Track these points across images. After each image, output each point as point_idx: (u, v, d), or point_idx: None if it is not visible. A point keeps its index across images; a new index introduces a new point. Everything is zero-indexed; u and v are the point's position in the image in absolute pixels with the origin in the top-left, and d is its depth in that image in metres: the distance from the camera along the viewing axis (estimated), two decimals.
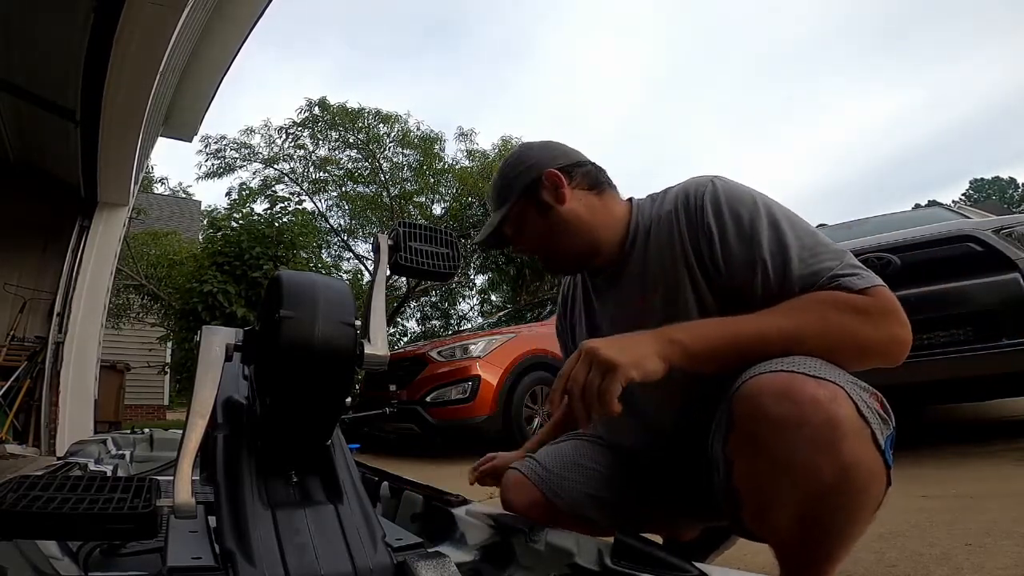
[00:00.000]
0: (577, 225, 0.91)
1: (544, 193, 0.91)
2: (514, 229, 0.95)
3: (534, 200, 0.91)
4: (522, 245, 0.96)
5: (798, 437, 0.61)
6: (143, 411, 10.63)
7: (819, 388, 0.63)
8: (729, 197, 0.82)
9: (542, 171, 0.91)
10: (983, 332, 2.16)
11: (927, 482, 1.83)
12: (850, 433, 0.62)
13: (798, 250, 0.76)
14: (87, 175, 4.33)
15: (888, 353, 0.72)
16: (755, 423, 0.65)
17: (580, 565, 0.73)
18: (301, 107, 10.06)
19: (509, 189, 0.93)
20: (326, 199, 10.84)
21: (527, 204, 0.92)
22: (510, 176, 0.94)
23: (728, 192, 0.83)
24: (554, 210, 0.91)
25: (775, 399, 0.63)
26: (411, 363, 4.31)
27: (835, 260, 0.75)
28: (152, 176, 14.94)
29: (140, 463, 1.85)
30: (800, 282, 0.74)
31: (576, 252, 0.93)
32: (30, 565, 0.71)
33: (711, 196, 0.82)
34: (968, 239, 2.33)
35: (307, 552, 0.64)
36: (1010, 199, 43.49)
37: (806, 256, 0.75)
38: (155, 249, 8.99)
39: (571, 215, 0.91)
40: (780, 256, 0.76)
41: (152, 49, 2.95)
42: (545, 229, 0.92)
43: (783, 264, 0.75)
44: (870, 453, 0.63)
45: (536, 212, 0.92)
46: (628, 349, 0.68)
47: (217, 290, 5.48)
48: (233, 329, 0.72)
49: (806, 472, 0.62)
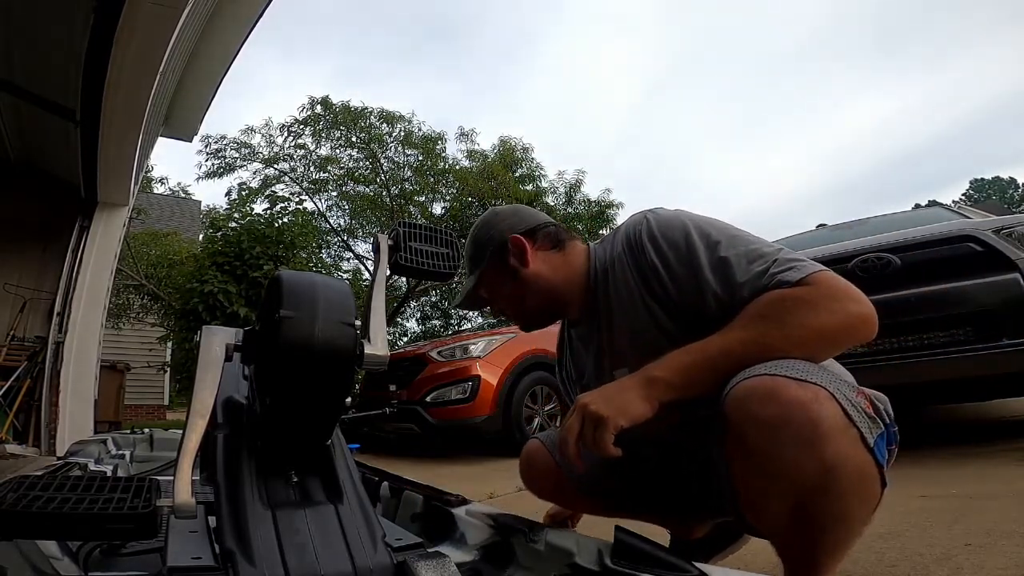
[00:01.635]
0: (542, 283, 0.98)
1: (511, 258, 0.99)
2: (489, 291, 1.02)
3: (503, 264, 0.99)
4: (498, 305, 1.04)
5: (782, 437, 0.64)
6: (143, 411, 10.63)
7: (801, 389, 0.65)
8: (663, 228, 0.88)
9: (507, 238, 0.99)
10: (983, 332, 2.16)
11: (927, 482, 1.83)
12: (833, 432, 0.64)
13: (735, 259, 0.81)
14: (87, 175, 4.33)
15: (853, 332, 0.74)
16: (743, 425, 0.68)
17: (580, 565, 0.73)
18: (303, 105, 10.06)
19: (480, 256, 1.01)
20: (326, 199, 10.84)
21: (497, 268, 1.00)
22: (481, 241, 1.02)
23: (661, 224, 0.89)
24: (520, 272, 0.98)
25: (760, 402, 0.66)
26: (411, 363, 4.31)
27: (770, 259, 0.79)
28: (152, 176, 14.94)
29: (140, 463, 1.85)
30: (747, 288, 0.78)
31: (544, 307, 1.00)
32: (30, 565, 0.71)
33: (647, 232, 0.89)
34: (968, 239, 2.32)
35: (307, 552, 0.64)
36: (1010, 199, 43.49)
37: (743, 263, 0.80)
38: (155, 249, 8.98)
39: (536, 275, 0.98)
40: (721, 270, 0.81)
41: (152, 49, 2.95)
42: (515, 290, 0.99)
43: (725, 277, 0.80)
44: (858, 453, 0.65)
45: (506, 275, 0.99)
46: (614, 399, 0.74)
47: (218, 290, 5.48)
48: (233, 329, 0.72)
49: (792, 471, 0.64)
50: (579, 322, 1.04)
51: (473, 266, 1.03)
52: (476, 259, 1.02)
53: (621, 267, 0.92)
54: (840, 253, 2.61)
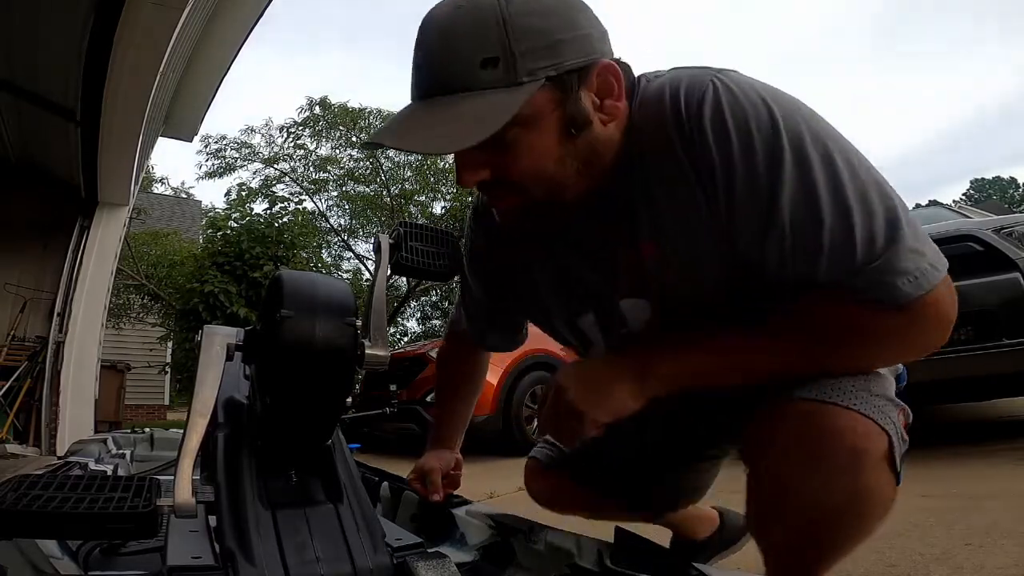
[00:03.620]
0: (600, 154, 0.60)
1: (586, 94, 0.57)
2: (509, 134, 0.55)
3: (569, 104, 0.56)
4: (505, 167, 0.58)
5: (821, 468, 0.56)
6: (143, 411, 10.63)
7: (850, 422, 0.56)
8: (737, 113, 0.55)
9: (598, 59, 0.57)
10: (983, 332, 2.16)
11: (927, 482, 1.83)
12: (873, 468, 0.56)
13: (832, 217, 0.53)
14: (87, 175, 4.33)
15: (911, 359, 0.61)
16: (774, 448, 0.59)
17: (580, 565, 0.73)
18: (302, 106, 10.07)
19: (526, 57, 0.53)
20: (326, 199, 10.85)
21: (551, 107, 0.56)
22: (534, 30, 0.54)
23: (735, 105, 0.55)
24: (591, 127, 0.58)
25: (799, 433, 0.57)
26: (411, 363, 4.31)
27: (881, 241, 0.53)
28: (152, 176, 14.96)
29: (140, 463, 1.85)
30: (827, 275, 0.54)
31: (580, 191, 0.61)
32: (30, 564, 0.71)
33: (712, 110, 0.56)
34: (969, 239, 2.32)
35: (307, 552, 0.64)
36: (1011, 199, 43.48)
37: (839, 230, 0.53)
38: (155, 249, 9.00)
39: (604, 141, 0.60)
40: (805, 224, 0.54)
41: (152, 49, 2.95)
42: (552, 151, 0.57)
43: (805, 238, 0.54)
44: (887, 482, 0.58)
45: (558, 124, 0.57)
46: (601, 391, 0.60)
47: (218, 290, 5.49)
48: (234, 329, 0.72)
49: (821, 498, 0.57)
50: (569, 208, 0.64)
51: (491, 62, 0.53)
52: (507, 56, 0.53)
53: (662, 143, 0.59)
54: None
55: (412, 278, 7.65)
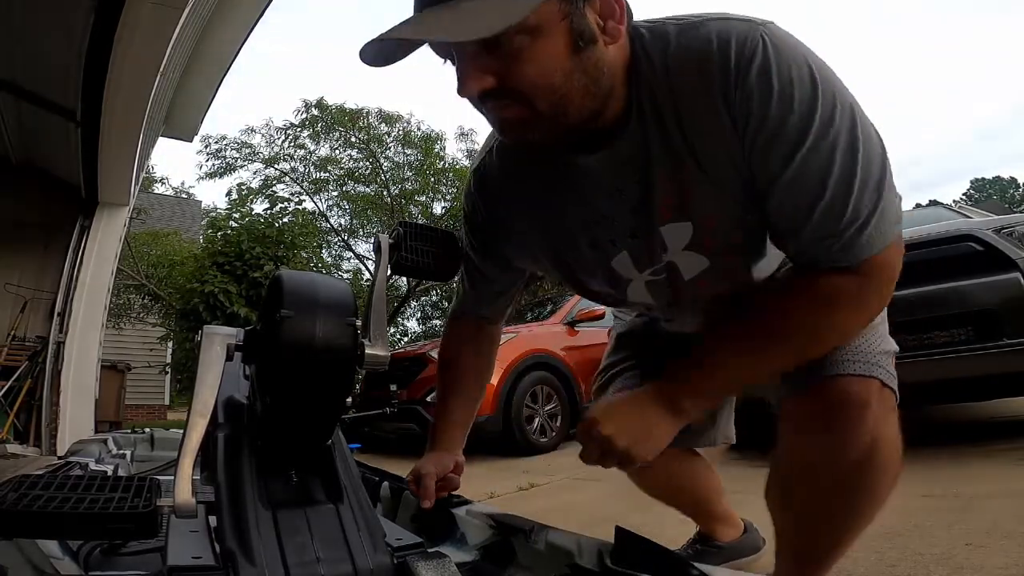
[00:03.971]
0: (605, 76, 0.62)
1: (590, 12, 0.59)
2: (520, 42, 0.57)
3: (571, 13, 0.58)
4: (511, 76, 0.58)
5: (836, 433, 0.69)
6: (144, 411, 10.63)
7: (861, 386, 0.69)
8: (783, 73, 0.58)
9: None
10: (983, 332, 2.16)
11: (927, 482, 1.83)
12: (880, 423, 0.69)
13: (836, 186, 0.58)
14: (88, 175, 4.33)
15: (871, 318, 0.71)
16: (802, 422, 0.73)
17: (580, 565, 0.73)
18: (299, 108, 10.07)
19: None
20: (326, 198, 10.85)
21: (558, 19, 0.57)
22: None
23: (780, 64, 0.58)
24: (596, 45, 0.60)
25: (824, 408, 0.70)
26: (411, 363, 4.31)
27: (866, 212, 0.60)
28: (153, 176, 14.96)
29: (141, 463, 1.85)
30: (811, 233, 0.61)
31: (584, 113, 0.63)
32: (31, 564, 0.71)
33: (759, 68, 0.58)
34: (969, 239, 2.32)
35: (307, 552, 0.64)
36: (1011, 199, 43.48)
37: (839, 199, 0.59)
38: (156, 249, 9.00)
39: (608, 63, 0.62)
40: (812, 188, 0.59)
41: (153, 49, 2.96)
42: (559, 62, 0.58)
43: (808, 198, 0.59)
44: (894, 431, 0.71)
45: (567, 29, 0.58)
46: (642, 434, 0.68)
47: (218, 290, 5.49)
48: (234, 329, 0.72)
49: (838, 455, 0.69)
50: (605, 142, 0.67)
51: None
52: None
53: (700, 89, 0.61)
54: None
55: (412, 278, 7.65)
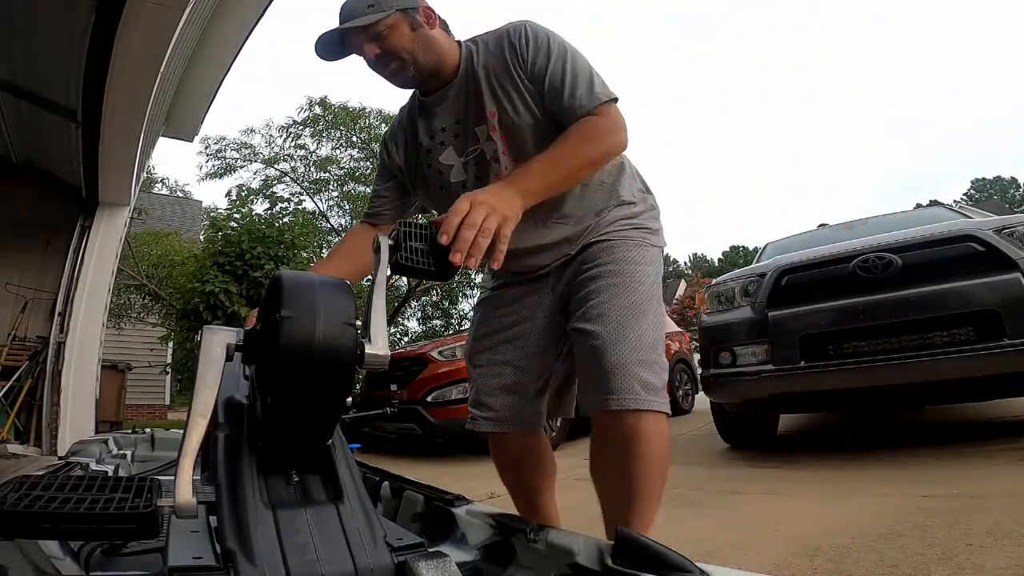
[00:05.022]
0: (435, 46, 1.15)
1: (419, 16, 1.13)
2: (386, 30, 1.10)
3: (409, 18, 1.11)
4: (385, 46, 1.11)
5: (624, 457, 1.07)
6: (144, 411, 10.63)
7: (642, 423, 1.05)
8: (541, 32, 1.14)
9: (418, 3, 1.14)
10: (984, 332, 2.16)
11: (927, 482, 1.83)
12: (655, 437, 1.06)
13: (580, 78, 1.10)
14: (88, 175, 4.33)
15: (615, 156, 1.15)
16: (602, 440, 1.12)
17: (581, 565, 0.73)
18: (302, 106, 10.07)
19: (387, 2, 1.11)
20: (327, 198, 10.85)
21: (402, 19, 1.11)
22: None
23: (540, 30, 1.15)
24: (424, 31, 1.13)
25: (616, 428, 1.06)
26: (412, 363, 4.31)
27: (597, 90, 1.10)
28: (153, 176, 14.96)
29: (141, 463, 1.85)
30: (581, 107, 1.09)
31: (429, 66, 1.15)
32: (31, 565, 0.71)
33: (530, 32, 1.13)
34: (969, 239, 2.33)
35: (308, 552, 0.64)
36: (1011, 199, 43.46)
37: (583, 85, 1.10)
38: (156, 249, 9.00)
39: (434, 38, 1.15)
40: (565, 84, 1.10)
41: (153, 49, 2.96)
42: (410, 43, 1.12)
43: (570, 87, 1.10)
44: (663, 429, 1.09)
45: (408, 27, 1.12)
46: (508, 202, 0.92)
47: (218, 290, 5.49)
48: (234, 329, 0.72)
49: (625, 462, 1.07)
50: (433, 92, 1.20)
51: (374, 8, 1.09)
52: (380, 4, 1.10)
53: (497, 55, 1.14)
54: (841, 253, 2.61)
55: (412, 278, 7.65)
